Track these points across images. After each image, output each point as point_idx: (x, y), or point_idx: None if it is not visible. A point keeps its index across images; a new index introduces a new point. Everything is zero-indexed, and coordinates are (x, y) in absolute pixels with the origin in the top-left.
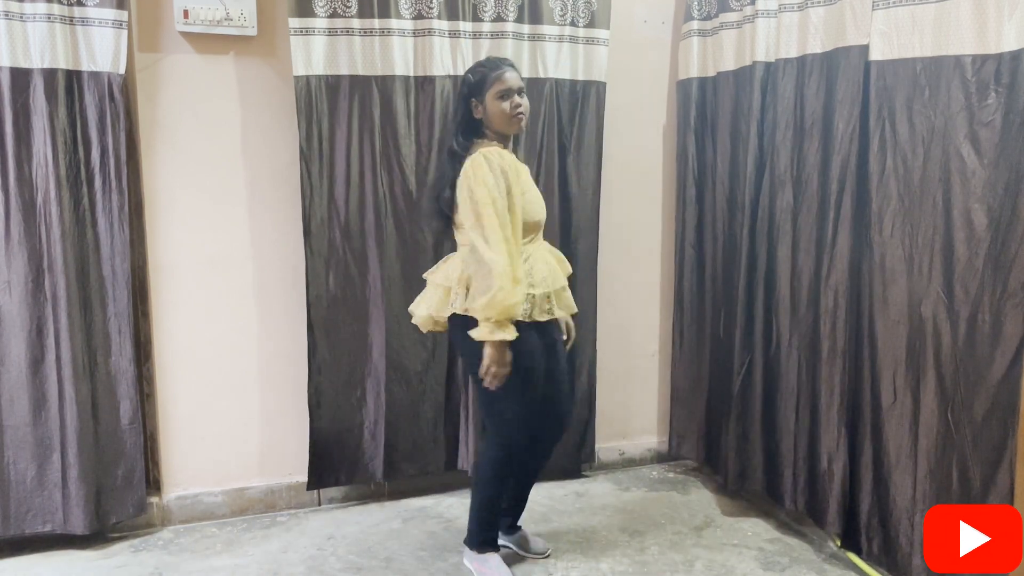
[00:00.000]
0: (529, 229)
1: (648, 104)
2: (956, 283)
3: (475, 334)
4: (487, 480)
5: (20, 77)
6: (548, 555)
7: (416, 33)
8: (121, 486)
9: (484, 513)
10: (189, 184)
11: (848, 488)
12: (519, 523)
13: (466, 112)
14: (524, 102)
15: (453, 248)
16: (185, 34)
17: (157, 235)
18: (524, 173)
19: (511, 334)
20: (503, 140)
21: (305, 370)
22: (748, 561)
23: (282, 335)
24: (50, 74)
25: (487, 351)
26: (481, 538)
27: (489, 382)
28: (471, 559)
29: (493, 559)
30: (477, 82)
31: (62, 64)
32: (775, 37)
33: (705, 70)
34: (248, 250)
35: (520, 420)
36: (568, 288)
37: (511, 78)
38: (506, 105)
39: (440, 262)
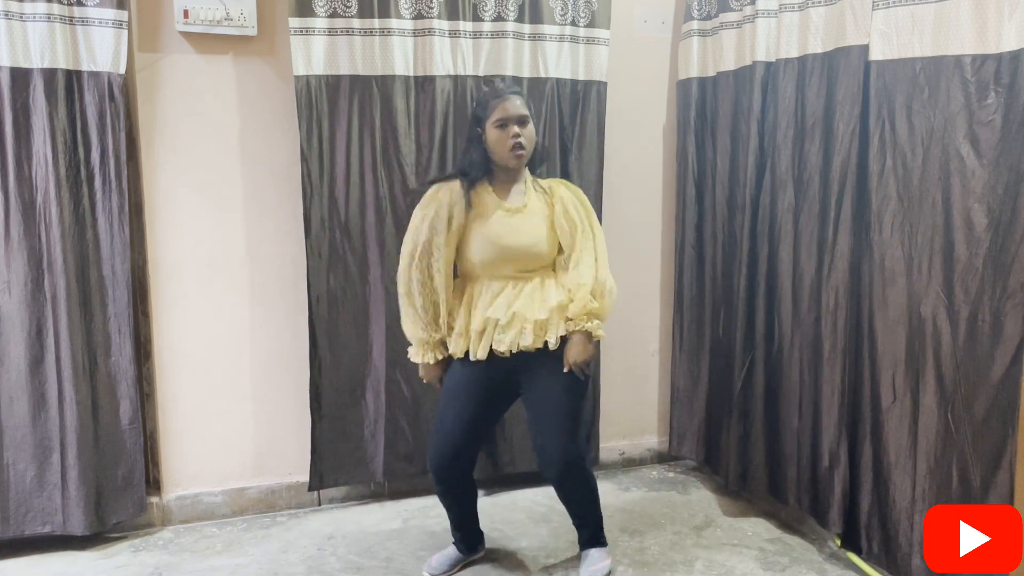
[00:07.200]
0: (471, 268)
1: (648, 104)
2: (956, 283)
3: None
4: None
5: (20, 77)
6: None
7: (416, 33)
8: (121, 486)
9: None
10: (189, 184)
11: (848, 487)
12: None
13: (474, 137)
14: (526, 132)
15: None
16: (185, 34)
17: (157, 235)
18: (495, 213)
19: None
20: (508, 174)
21: (305, 370)
22: (748, 561)
23: (282, 335)
24: (50, 74)
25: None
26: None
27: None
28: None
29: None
30: (480, 107)
31: (62, 64)
32: (775, 37)
33: (705, 70)
34: (248, 250)
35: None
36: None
37: (511, 106)
38: (503, 135)
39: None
